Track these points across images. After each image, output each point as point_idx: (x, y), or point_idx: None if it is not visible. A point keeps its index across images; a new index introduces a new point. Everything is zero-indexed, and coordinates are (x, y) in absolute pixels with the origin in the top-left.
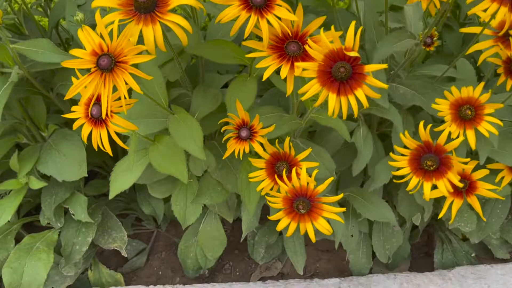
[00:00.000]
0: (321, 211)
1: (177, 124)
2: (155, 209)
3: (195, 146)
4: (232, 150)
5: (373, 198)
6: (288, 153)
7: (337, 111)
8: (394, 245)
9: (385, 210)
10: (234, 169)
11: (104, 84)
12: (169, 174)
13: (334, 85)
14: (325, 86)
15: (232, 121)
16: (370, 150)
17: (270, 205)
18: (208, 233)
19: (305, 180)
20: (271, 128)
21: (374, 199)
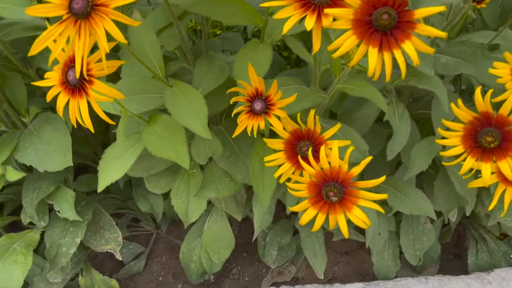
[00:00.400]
0: (356, 199)
1: (176, 98)
2: (154, 207)
3: (198, 123)
4: (244, 127)
5: (407, 188)
6: (313, 130)
7: (379, 71)
8: (425, 244)
9: (423, 202)
10: (244, 156)
11: (79, 34)
12: (167, 158)
13: (375, 37)
14: (363, 39)
15: (243, 90)
16: (408, 130)
17: (292, 194)
18: (214, 233)
19: (337, 161)
20: (291, 98)
21: (408, 189)
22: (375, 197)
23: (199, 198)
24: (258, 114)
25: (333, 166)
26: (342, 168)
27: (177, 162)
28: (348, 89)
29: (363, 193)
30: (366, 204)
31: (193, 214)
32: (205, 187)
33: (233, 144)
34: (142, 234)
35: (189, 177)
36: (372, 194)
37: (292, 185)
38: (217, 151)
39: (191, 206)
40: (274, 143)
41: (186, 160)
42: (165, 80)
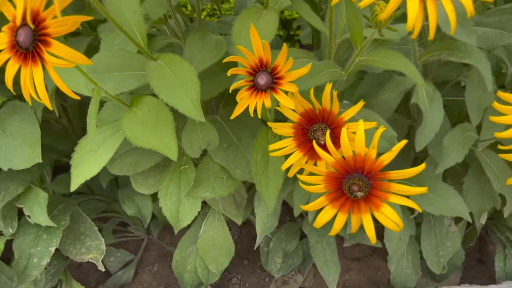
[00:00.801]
0: (387, 194)
1: (161, 73)
2: (141, 210)
3: (188, 101)
4: (244, 106)
5: (436, 184)
6: (329, 111)
7: (420, 25)
8: (450, 250)
9: (455, 201)
10: (245, 149)
11: None
12: (150, 148)
13: None
14: None
15: (243, 60)
16: (440, 115)
17: (305, 189)
18: (211, 240)
19: (363, 147)
20: (304, 68)
21: (437, 185)
22: (413, 191)
23: (192, 199)
24: (263, 90)
25: (358, 154)
26: (369, 155)
27: (162, 152)
28: (371, 61)
29: (395, 187)
30: (399, 201)
31: (185, 218)
32: (199, 185)
33: (232, 134)
34: (131, 240)
35: (180, 174)
36: (408, 187)
37: (305, 177)
38: (213, 141)
39: (183, 208)
40: (281, 127)
41: (173, 150)
42: (148, 52)
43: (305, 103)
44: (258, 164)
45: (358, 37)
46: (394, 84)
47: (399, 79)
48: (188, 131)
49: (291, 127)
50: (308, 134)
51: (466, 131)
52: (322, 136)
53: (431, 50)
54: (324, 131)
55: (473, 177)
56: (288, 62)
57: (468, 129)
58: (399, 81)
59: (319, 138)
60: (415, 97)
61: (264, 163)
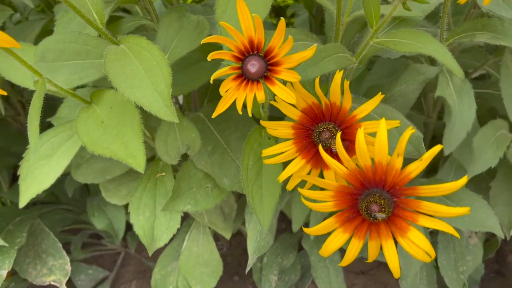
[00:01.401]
0: (416, 215)
1: (123, 59)
2: (113, 223)
3: (155, 96)
4: (230, 101)
5: (462, 194)
6: (339, 106)
7: None
8: (470, 265)
9: (484, 213)
10: (234, 152)
11: None
12: (110, 156)
13: None
14: None
15: (229, 41)
16: (472, 110)
17: (309, 206)
18: (195, 256)
19: (385, 153)
20: (308, 51)
21: (464, 195)
22: (452, 212)
23: (170, 213)
24: (254, 79)
25: (378, 163)
26: (393, 165)
27: (126, 162)
28: (391, 44)
29: (427, 206)
30: (431, 224)
31: (162, 236)
32: (178, 197)
33: (218, 135)
34: (106, 254)
35: (155, 183)
36: (446, 207)
37: (309, 192)
38: (194, 144)
39: (159, 224)
40: (278, 127)
41: (140, 159)
42: (108, 34)
43: (308, 97)
44: (250, 171)
45: (374, 14)
46: (412, 74)
47: (418, 68)
48: (163, 132)
49: (290, 127)
50: (312, 136)
51: (499, 129)
52: (331, 138)
53: (460, 30)
54: (332, 133)
55: (502, 182)
56: (286, 43)
57: (501, 126)
58: (418, 70)
59: (327, 142)
60: (440, 90)
61: (257, 170)
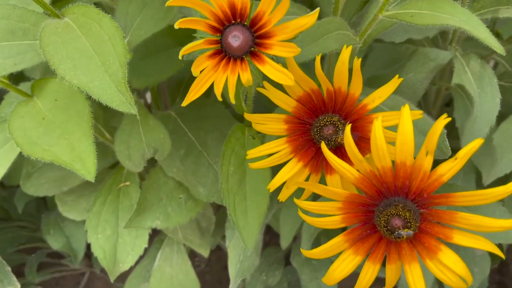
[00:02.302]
0: (449, 231)
1: (67, 35)
2: (71, 241)
3: (107, 81)
4: (207, 85)
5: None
6: (345, 93)
7: None
8: (477, 278)
9: None
10: (211, 156)
11: None
12: (51, 160)
13: None
14: None
15: (203, 6)
16: (496, 100)
17: (310, 222)
18: (168, 278)
19: (411, 151)
20: (307, 18)
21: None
22: (501, 226)
23: (136, 230)
24: (238, 56)
25: (400, 164)
26: (420, 166)
27: (72, 168)
28: (406, 16)
29: (466, 218)
30: (470, 242)
31: (126, 258)
32: (145, 211)
33: (192, 136)
34: (68, 276)
35: (118, 194)
36: (492, 219)
37: (309, 204)
38: (163, 146)
39: (122, 244)
40: (267, 121)
41: (89, 163)
42: (48, 5)
43: (306, 82)
44: (231, 178)
45: None
46: (420, 60)
47: (427, 53)
48: (124, 133)
49: (283, 121)
50: (311, 132)
51: None
52: (335, 134)
53: (479, 6)
54: (337, 127)
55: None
56: (279, 8)
57: None
58: (427, 56)
59: (331, 139)
60: (457, 77)
61: (240, 177)
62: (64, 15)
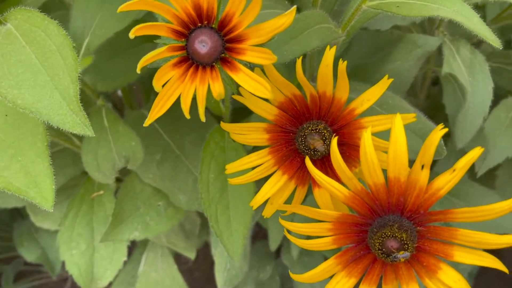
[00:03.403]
0: (449, 248)
1: (9, 46)
2: (47, 252)
3: (56, 97)
4: (173, 98)
5: (471, 191)
6: (330, 97)
7: None
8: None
9: None
10: (189, 160)
11: None
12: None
13: None
14: None
15: (163, 8)
16: (489, 88)
17: (298, 244)
18: (154, 283)
19: (405, 164)
20: (284, 18)
21: (474, 192)
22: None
23: (113, 243)
24: (207, 64)
25: (393, 179)
26: (416, 179)
27: (25, 195)
28: (392, 7)
29: (469, 235)
30: (471, 259)
31: (104, 274)
32: (121, 222)
33: (168, 139)
34: (50, 283)
35: (91, 205)
36: (495, 236)
37: (297, 226)
38: (135, 155)
39: (99, 259)
40: (246, 131)
41: (46, 188)
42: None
43: (286, 87)
44: (212, 186)
45: None
46: (407, 48)
47: (415, 39)
48: (91, 141)
49: (264, 130)
50: (295, 142)
51: (510, 110)
52: (321, 143)
53: None
54: (323, 135)
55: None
56: (251, 7)
57: None
58: (415, 42)
59: (316, 148)
60: (447, 65)
61: (221, 185)
62: (7, 21)
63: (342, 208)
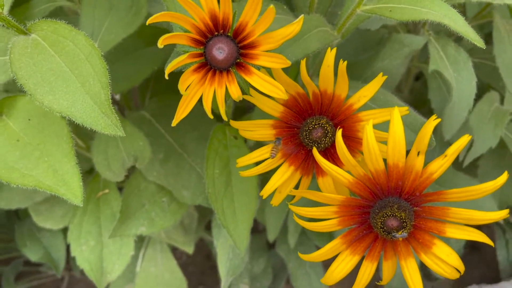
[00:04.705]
0: (442, 225)
1: (39, 55)
2: (50, 251)
3: (88, 102)
4: (193, 101)
5: (455, 178)
6: (331, 95)
7: None
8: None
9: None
10: (192, 158)
11: None
12: (34, 186)
13: None
14: None
15: (184, 19)
16: (472, 83)
17: (305, 226)
18: (153, 277)
19: (403, 152)
20: (292, 27)
21: (457, 180)
22: (490, 217)
23: (121, 239)
24: (224, 69)
25: (393, 165)
26: (412, 165)
27: (56, 192)
28: (385, 10)
29: (458, 213)
30: (461, 234)
31: (113, 268)
32: (128, 218)
33: (170, 138)
34: (48, 282)
35: (98, 203)
36: (483, 213)
37: (305, 210)
38: (143, 154)
39: (108, 254)
40: (254, 127)
41: (75, 186)
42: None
43: (291, 86)
44: (217, 181)
45: None
46: (395, 47)
47: (402, 39)
48: (101, 142)
49: (271, 126)
50: (299, 136)
51: (493, 103)
52: (324, 137)
53: None
54: (326, 129)
55: (491, 160)
56: (264, 17)
57: (495, 99)
58: (402, 42)
59: (320, 141)
60: (433, 62)
61: (226, 180)
62: (31, 31)
63: (344, 193)
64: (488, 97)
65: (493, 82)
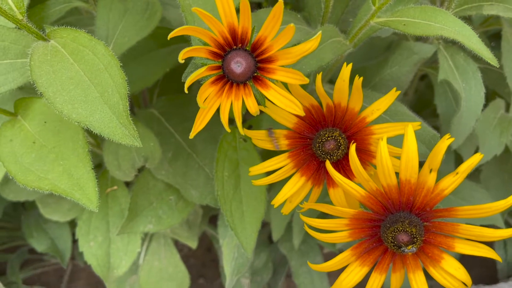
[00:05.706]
0: (451, 241)
1: (59, 64)
2: (56, 243)
3: (107, 112)
4: (211, 113)
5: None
6: (344, 107)
7: None
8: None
9: None
10: (200, 158)
11: None
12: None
13: None
14: None
15: (203, 32)
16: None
17: (317, 237)
18: (157, 271)
19: (415, 167)
20: (311, 43)
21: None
22: (501, 235)
23: (128, 236)
24: (241, 82)
25: (405, 181)
26: (424, 181)
27: (72, 197)
28: (399, 24)
29: (467, 229)
30: (471, 250)
31: (120, 264)
32: (136, 216)
33: (179, 138)
34: (51, 270)
35: (106, 200)
36: (492, 230)
37: (317, 221)
38: (153, 155)
39: (115, 250)
40: (266, 137)
41: (90, 190)
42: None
43: (305, 98)
44: (226, 184)
45: None
46: (404, 54)
47: (411, 47)
48: (112, 142)
49: (284, 136)
50: (312, 147)
51: (498, 111)
52: (337, 149)
53: (463, 1)
54: (338, 142)
55: (493, 165)
56: (284, 34)
57: (500, 107)
58: (411, 49)
59: (334, 153)
60: (443, 72)
61: (235, 182)
62: (50, 38)
63: (354, 205)
64: (494, 104)
65: (498, 88)
